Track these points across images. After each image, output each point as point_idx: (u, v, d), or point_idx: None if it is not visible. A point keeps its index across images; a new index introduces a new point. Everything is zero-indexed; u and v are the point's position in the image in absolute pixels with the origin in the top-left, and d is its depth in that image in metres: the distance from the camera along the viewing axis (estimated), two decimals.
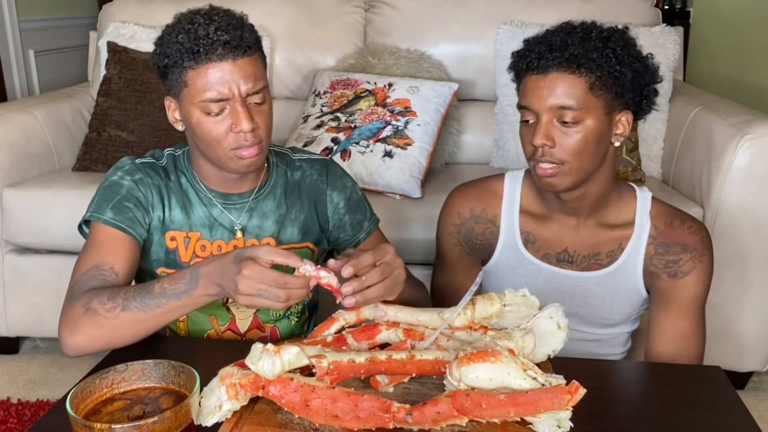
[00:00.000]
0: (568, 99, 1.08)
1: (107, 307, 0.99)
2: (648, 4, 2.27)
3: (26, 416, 1.77)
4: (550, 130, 1.09)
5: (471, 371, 0.83)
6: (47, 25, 3.51)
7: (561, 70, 1.08)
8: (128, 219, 1.12)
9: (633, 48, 1.11)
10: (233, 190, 1.18)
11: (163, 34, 1.08)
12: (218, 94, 1.04)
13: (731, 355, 1.79)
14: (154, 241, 1.17)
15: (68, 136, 2.22)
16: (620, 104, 1.12)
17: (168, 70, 1.07)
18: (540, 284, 1.23)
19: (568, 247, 1.23)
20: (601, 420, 0.88)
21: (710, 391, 0.98)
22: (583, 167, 1.11)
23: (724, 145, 1.68)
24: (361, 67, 2.23)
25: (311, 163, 1.26)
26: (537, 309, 0.98)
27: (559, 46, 1.09)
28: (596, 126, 1.09)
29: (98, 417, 0.77)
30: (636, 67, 1.10)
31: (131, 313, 0.99)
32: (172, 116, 1.13)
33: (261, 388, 0.84)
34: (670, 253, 1.19)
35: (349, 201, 1.25)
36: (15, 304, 2.00)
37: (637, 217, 1.20)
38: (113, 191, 1.14)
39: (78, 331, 1.00)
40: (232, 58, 1.03)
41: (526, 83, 1.12)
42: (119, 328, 0.99)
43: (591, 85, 1.08)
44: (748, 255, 1.72)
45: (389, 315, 1.01)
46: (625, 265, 1.21)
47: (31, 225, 1.92)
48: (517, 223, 1.25)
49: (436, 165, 2.14)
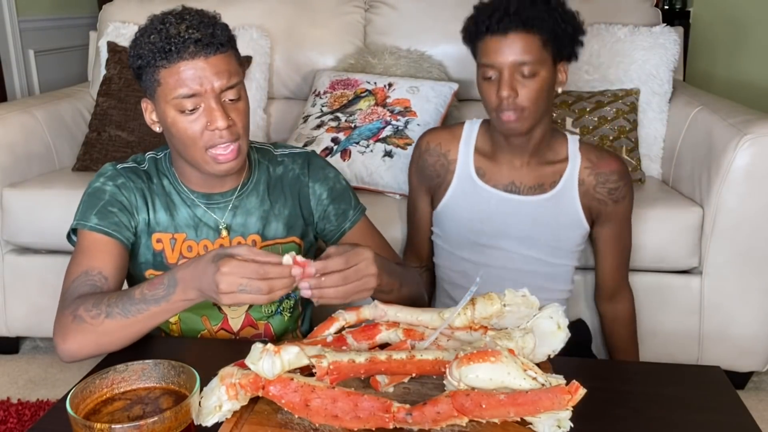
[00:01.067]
0: (526, 55, 1.28)
1: (92, 314, 1.00)
2: (648, 4, 2.26)
3: (26, 416, 1.77)
4: (513, 83, 1.29)
5: (471, 371, 0.83)
6: (47, 25, 3.51)
7: (519, 31, 1.27)
8: (113, 224, 1.12)
9: (565, 5, 1.34)
10: (215, 190, 1.19)
11: (135, 37, 1.10)
12: (190, 90, 1.04)
13: (731, 355, 1.79)
14: (141, 244, 1.18)
15: (68, 136, 2.22)
16: (561, 56, 1.34)
17: (142, 71, 1.08)
18: (492, 208, 1.46)
19: (515, 180, 1.45)
20: (601, 420, 0.88)
21: (710, 391, 0.98)
22: (538, 111, 1.33)
23: (724, 145, 1.68)
24: (361, 67, 2.23)
25: (293, 157, 1.26)
26: (537, 309, 0.98)
27: (516, 11, 1.27)
28: (548, 76, 1.31)
29: (98, 417, 0.77)
30: (574, 23, 1.33)
31: (115, 320, 0.99)
32: (149, 118, 1.14)
33: (261, 388, 0.84)
34: (610, 182, 1.44)
35: (332, 191, 1.25)
36: (15, 304, 2.00)
37: (570, 151, 1.45)
38: (97, 197, 1.14)
39: (68, 338, 1.01)
40: (204, 55, 1.04)
41: (488, 44, 1.31)
42: (105, 335, 1.00)
43: (544, 42, 1.29)
44: (748, 255, 1.72)
45: (389, 315, 1.01)
46: (563, 191, 1.44)
47: (31, 225, 1.92)
48: (472, 158, 1.48)
49: None
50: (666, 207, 1.77)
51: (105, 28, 2.37)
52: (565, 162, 1.44)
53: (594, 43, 2.09)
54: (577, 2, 2.20)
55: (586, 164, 1.44)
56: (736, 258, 1.72)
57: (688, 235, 1.74)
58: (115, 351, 1.02)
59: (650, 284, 1.78)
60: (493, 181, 1.46)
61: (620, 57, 2.07)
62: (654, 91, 2.05)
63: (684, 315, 1.79)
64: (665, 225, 1.73)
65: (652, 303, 1.79)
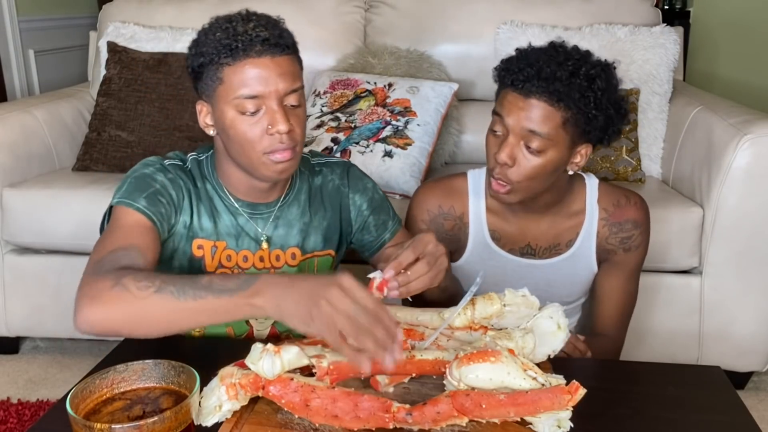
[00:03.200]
0: (539, 127, 1.13)
1: (141, 285, 0.87)
2: (648, 4, 2.26)
3: (26, 416, 1.77)
4: (514, 151, 1.15)
5: (471, 371, 0.83)
6: (47, 25, 3.51)
7: (541, 99, 1.12)
8: (159, 213, 1.06)
9: (613, 91, 1.17)
10: (260, 200, 1.15)
11: (198, 36, 1.06)
12: (255, 91, 1.01)
13: (731, 355, 1.79)
14: (179, 248, 1.13)
15: (68, 136, 2.22)
16: (584, 139, 1.18)
17: (203, 69, 1.04)
18: (508, 274, 1.33)
19: (531, 242, 1.32)
20: (601, 420, 0.88)
21: (710, 391, 0.98)
22: (531, 188, 1.19)
23: (724, 145, 1.68)
24: (361, 67, 2.23)
25: (331, 167, 1.24)
26: (537, 309, 0.98)
27: (547, 76, 1.12)
28: (557, 157, 1.16)
29: (98, 417, 0.77)
30: (610, 113, 1.16)
31: (163, 298, 0.86)
32: (203, 121, 1.10)
33: (261, 388, 0.84)
34: (623, 231, 1.31)
35: (371, 202, 1.24)
36: (15, 304, 2.00)
37: (588, 204, 1.31)
38: (146, 183, 1.08)
39: (100, 304, 0.88)
40: (270, 55, 1.01)
41: (507, 96, 1.17)
42: (143, 312, 0.87)
43: (565, 120, 1.13)
44: (748, 255, 1.72)
45: None
46: (581, 249, 1.32)
47: (31, 225, 1.92)
48: (485, 221, 1.33)
49: (436, 165, 2.14)
50: (666, 207, 1.77)
51: (105, 28, 2.37)
52: (582, 214, 1.30)
53: (594, 43, 2.09)
54: (578, 2, 2.23)
55: (603, 215, 1.31)
56: (736, 258, 1.72)
57: (688, 235, 1.74)
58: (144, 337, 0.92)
59: (650, 284, 1.78)
60: (509, 246, 1.32)
61: (620, 57, 2.06)
62: (654, 91, 2.05)
63: (684, 315, 1.79)
64: (665, 225, 1.73)
65: (652, 303, 1.79)
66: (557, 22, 2.18)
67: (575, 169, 1.21)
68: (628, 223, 1.31)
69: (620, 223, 1.30)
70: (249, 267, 1.17)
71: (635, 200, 1.32)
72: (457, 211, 1.33)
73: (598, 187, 1.31)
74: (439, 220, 1.34)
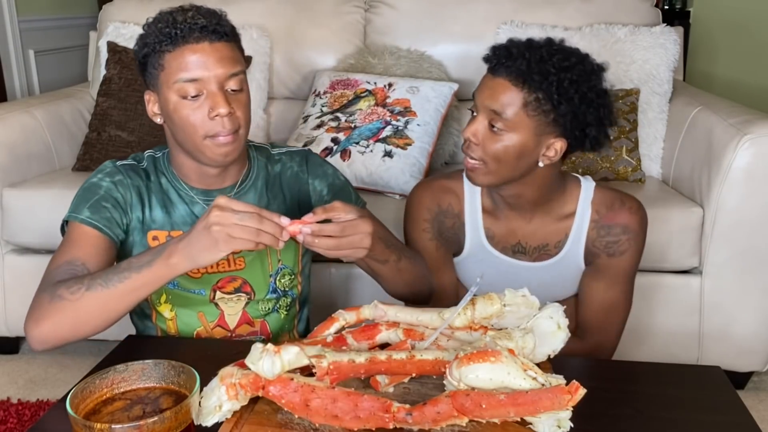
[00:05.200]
0: (502, 107, 1.14)
1: (72, 290, 0.97)
2: (648, 4, 2.26)
3: (26, 416, 1.77)
4: (479, 128, 1.17)
5: (471, 371, 0.83)
6: (47, 25, 3.51)
7: (506, 78, 1.14)
8: (105, 219, 1.12)
9: (586, 85, 1.14)
10: (214, 186, 1.19)
11: (143, 29, 1.11)
12: (194, 74, 1.05)
13: (731, 355, 1.79)
14: (136, 242, 1.18)
15: (68, 136, 2.22)
16: (556, 131, 1.16)
17: (147, 59, 1.09)
18: (500, 273, 1.33)
19: (521, 240, 1.32)
20: (601, 420, 0.88)
21: (710, 391, 0.98)
22: (501, 172, 1.18)
23: (724, 145, 1.68)
24: (361, 67, 2.23)
25: (290, 155, 1.27)
26: (537, 309, 0.98)
27: (515, 56, 1.13)
28: (521, 141, 1.15)
29: (98, 417, 0.77)
30: (576, 104, 1.13)
31: (95, 293, 0.97)
32: (150, 110, 1.14)
33: (261, 388, 0.84)
34: (611, 234, 1.28)
35: (332, 187, 1.26)
36: (15, 304, 2.00)
37: (579, 206, 1.28)
38: (92, 192, 1.15)
39: (43, 320, 0.98)
40: (208, 41, 1.06)
41: (483, 78, 1.19)
42: (83, 311, 0.97)
43: (526, 102, 1.13)
44: (748, 255, 1.72)
45: (389, 315, 1.01)
46: (570, 253, 1.30)
47: (31, 225, 1.92)
48: (481, 221, 1.33)
49: (436, 165, 2.14)
50: (666, 207, 1.77)
51: (105, 28, 2.37)
52: (573, 217, 1.29)
53: (594, 43, 2.09)
54: (578, 2, 2.23)
55: (594, 217, 1.28)
56: (736, 258, 1.72)
57: (688, 235, 1.74)
58: (92, 335, 1.00)
59: (650, 284, 1.78)
60: (502, 244, 1.33)
61: (620, 57, 2.07)
62: (654, 91, 2.05)
63: (684, 315, 1.79)
64: (665, 225, 1.73)
65: (652, 303, 1.79)
66: (557, 22, 2.18)
67: (546, 162, 1.19)
68: (617, 228, 1.27)
69: (609, 226, 1.27)
70: None
71: (630, 205, 1.28)
72: (455, 209, 1.34)
73: (594, 189, 1.29)
74: (441, 218, 1.34)
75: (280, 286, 1.25)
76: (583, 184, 1.30)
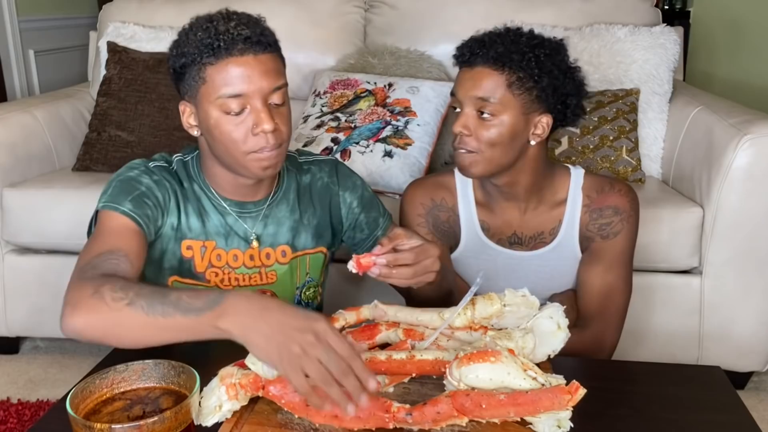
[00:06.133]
0: (487, 93, 1.17)
1: (115, 296, 0.88)
2: (648, 4, 2.26)
3: (26, 416, 1.77)
4: (468, 120, 1.20)
5: (471, 371, 0.83)
6: (47, 25, 3.51)
7: (486, 66, 1.18)
8: (146, 215, 1.07)
9: (558, 57, 1.21)
10: (247, 198, 1.16)
11: (179, 36, 1.06)
12: (238, 89, 1.01)
13: (731, 355, 1.79)
14: (168, 250, 1.13)
15: (68, 136, 2.22)
16: (540, 107, 1.21)
17: (185, 70, 1.04)
18: (499, 266, 1.35)
19: (516, 230, 1.34)
20: (601, 420, 0.88)
21: (710, 391, 0.98)
22: (495, 158, 1.21)
23: (724, 145, 1.68)
24: (361, 67, 2.23)
25: (319, 165, 1.24)
26: (537, 309, 0.98)
27: (488, 44, 1.19)
28: (512, 122, 1.19)
29: (98, 417, 0.77)
30: (555, 75, 1.19)
31: (134, 312, 0.86)
32: (186, 121, 1.09)
33: (261, 388, 0.84)
34: (603, 217, 1.30)
35: (362, 199, 1.25)
36: (15, 304, 2.00)
37: (570, 193, 1.32)
38: (132, 186, 1.09)
39: (80, 312, 0.89)
40: (253, 53, 1.01)
41: (458, 74, 1.23)
42: (117, 323, 0.88)
43: (510, 83, 1.17)
44: (748, 255, 1.72)
45: (389, 315, 1.01)
46: (565, 239, 1.32)
47: (31, 225, 1.92)
48: (476, 214, 1.35)
49: (436, 165, 2.14)
50: (666, 207, 1.77)
51: (105, 28, 2.37)
52: (565, 204, 1.32)
53: (594, 43, 2.09)
54: (578, 2, 2.22)
55: (586, 202, 1.31)
56: (736, 258, 1.72)
57: (688, 235, 1.74)
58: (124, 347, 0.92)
59: (650, 284, 1.78)
60: (498, 236, 1.35)
61: (620, 57, 2.07)
62: (654, 91, 2.05)
63: (684, 315, 1.79)
64: (665, 225, 1.73)
65: (652, 303, 1.79)
66: (557, 22, 2.18)
67: (537, 140, 1.23)
68: (609, 209, 1.30)
69: (600, 209, 1.30)
70: (239, 266, 1.17)
71: (620, 187, 1.32)
72: (449, 203, 1.36)
73: (584, 176, 1.33)
74: (435, 212, 1.36)
75: (305, 299, 1.25)
76: (572, 172, 1.34)
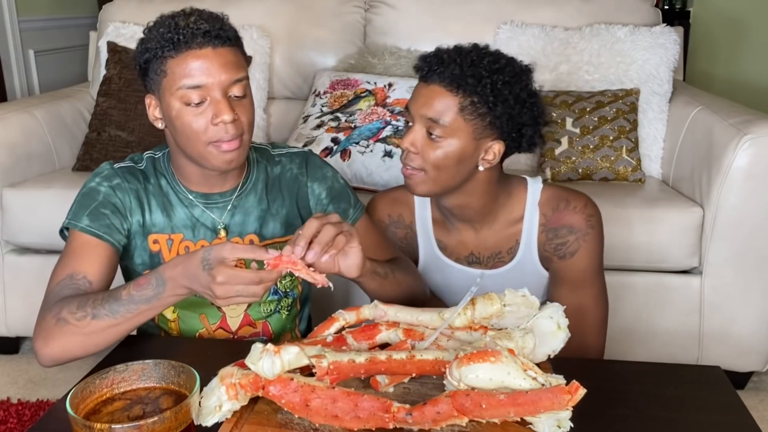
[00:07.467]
0: (438, 114, 1.13)
1: (77, 317, 0.99)
2: (648, 4, 2.27)
3: (26, 416, 1.77)
4: (417, 138, 1.16)
5: (471, 371, 0.83)
6: (47, 25, 3.51)
7: (441, 85, 1.13)
8: (105, 226, 1.12)
9: (519, 85, 1.14)
10: (215, 189, 1.18)
11: (144, 34, 1.10)
12: (198, 81, 1.04)
13: (731, 355, 1.79)
14: (138, 245, 1.17)
15: (68, 136, 2.22)
16: (493, 133, 1.16)
17: (149, 65, 1.08)
18: (460, 284, 1.29)
19: (473, 251, 1.31)
20: (601, 420, 0.88)
21: (710, 391, 0.98)
22: (441, 179, 1.17)
23: (724, 145, 1.68)
24: (361, 67, 2.23)
25: (290, 157, 1.26)
26: (537, 309, 0.98)
27: (447, 62, 1.13)
28: (460, 147, 1.14)
29: (98, 417, 0.77)
30: (511, 103, 1.13)
31: (101, 321, 0.98)
32: (152, 114, 1.13)
33: (261, 388, 0.84)
34: (558, 237, 1.25)
35: (331, 191, 1.25)
36: (15, 304, 2.00)
37: (527, 210, 1.26)
38: (90, 198, 1.14)
39: (51, 341, 0.99)
40: (212, 46, 1.04)
41: (415, 87, 1.19)
42: (92, 336, 0.99)
43: (462, 107, 1.12)
44: (748, 255, 1.72)
45: (389, 315, 1.01)
46: (524, 258, 1.28)
47: (31, 225, 1.92)
48: (432, 232, 1.33)
49: None
50: (666, 207, 1.77)
51: (105, 28, 2.37)
52: (521, 222, 1.27)
53: (594, 43, 2.09)
54: (578, 2, 2.23)
55: (542, 221, 1.26)
56: (736, 258, 1.72)
57: (688, 235, 1.74)
58: (103, 350, 1.01)
59: (650, 284, 1.78)
60: (455, 255, 1.32)
61: (620, 57, 2.07)
62: (654, 91, 2.05)
63: (684, 315, 1.79)
64: (665, 225, 1.73)
65: (652, 303, 1.79)
66: (557, 22, 2.18)
67: (486, 166, 1.18)
68: (563, 229, 1.25)
69: (556, 228, 1.25)
70: None
71: (575, 204, 1.25)
72: (406, 220, 1.35)
73: (541, 191, 1.27)
74: (392, 229, 1.35)
75: (282, 288, 1.25)
76: (529, 186, 1.28)
